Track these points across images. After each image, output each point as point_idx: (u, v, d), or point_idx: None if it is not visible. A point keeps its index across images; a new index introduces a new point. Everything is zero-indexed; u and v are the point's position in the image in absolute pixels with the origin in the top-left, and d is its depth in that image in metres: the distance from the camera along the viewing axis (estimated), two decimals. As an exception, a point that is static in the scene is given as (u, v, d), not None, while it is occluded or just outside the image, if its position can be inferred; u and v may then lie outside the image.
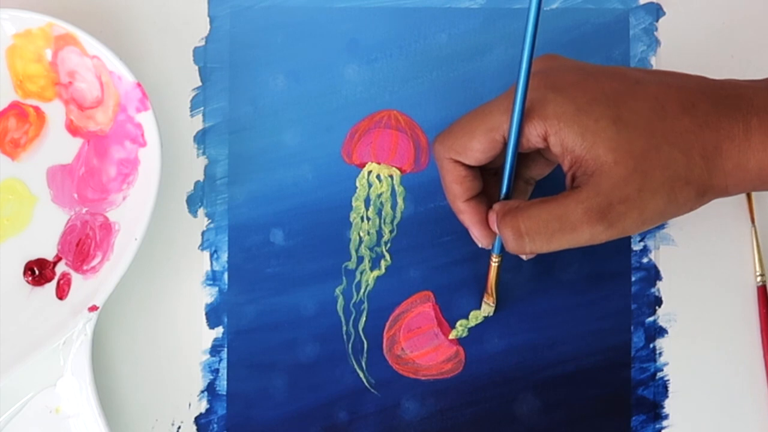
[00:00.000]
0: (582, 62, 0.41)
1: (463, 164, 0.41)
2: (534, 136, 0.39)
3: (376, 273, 0.48)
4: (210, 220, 0.48)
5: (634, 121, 0.38)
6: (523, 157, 0.43)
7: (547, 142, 0.39)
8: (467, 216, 0.42)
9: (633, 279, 0.47)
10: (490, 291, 0.46)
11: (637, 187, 0.37)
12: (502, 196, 0.42)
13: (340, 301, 0.47)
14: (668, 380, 0.47)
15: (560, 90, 0.39)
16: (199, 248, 0.48)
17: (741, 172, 0.38)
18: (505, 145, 0.40)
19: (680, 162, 0.37)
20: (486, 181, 0.43)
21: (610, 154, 0.37)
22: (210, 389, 0.47)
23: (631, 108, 0.38)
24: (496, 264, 0.45)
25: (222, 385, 0.47)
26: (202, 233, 0.48)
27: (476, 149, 0.40)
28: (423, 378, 0.47)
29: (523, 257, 0.44)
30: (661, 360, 0.47)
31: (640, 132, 0.38)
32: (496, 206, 0.41)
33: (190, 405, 0.47)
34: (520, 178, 0.44)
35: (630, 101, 0.38)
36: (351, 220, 0.48)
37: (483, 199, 0.43)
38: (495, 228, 0.41)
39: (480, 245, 0.44)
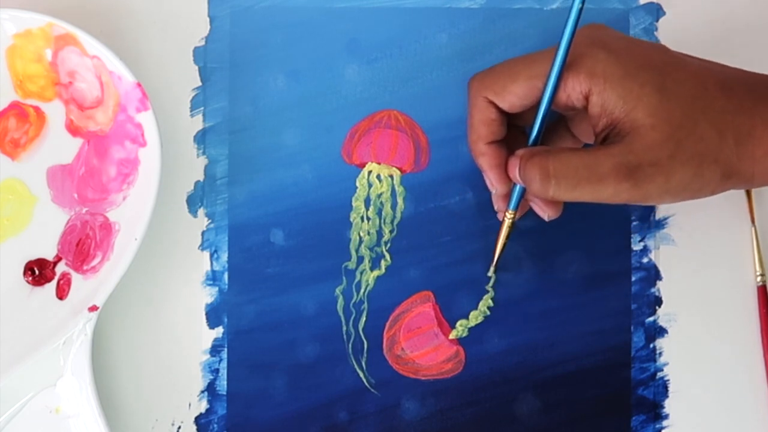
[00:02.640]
0: (627, 35, 0.42)
1: (496, 107, 0.42)
2: (576, 92, 0.40)
3: (376, 273, 0.48)
4: (210, 220, 0.48)
5: (676, 92, 0.39)
6: (550, 132, 0.44)
7: (587, 102, 0.39)
8: (486, 159, 0.43)
9: (633, 279, 0.47)
10: (496, 251, 0.46)
11: (668, 153, 0.38)
12: (530, 143, 0.42)
13: (340, 301, 0.47)
14: (668, 380, 0.47)
15: (611, 52, 0.39)
16: (199, 248, 0.48)
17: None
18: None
19: (713, 140, 0.38)
20: (508, 133, 0.43)
21: (649, 119, 0.38)
22: (210, 389, 0.47)
23: (675, 80, 0.39)
24: (510, 220, 0.44)
25: (222, 385, 0.47)
26: (202, 233, 0.48)
27: (514, 93, 0.41)
28: (423, 378, 0.47)
29: (540, 211, 0.44)
30: (661, 360, 0.47)
31: (680, 103, 0.38)
32: (521, 151, 0.41)
33: (190, 405, 0.47)
34: None
35: (675, 73, 0.39)
36: (351, 220, 0.48)
37: (504, 145, 0.43)
38: (515, 174, 0.41)
39: (493, 191, 0.44)
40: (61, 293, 0.46)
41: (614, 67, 0.39)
